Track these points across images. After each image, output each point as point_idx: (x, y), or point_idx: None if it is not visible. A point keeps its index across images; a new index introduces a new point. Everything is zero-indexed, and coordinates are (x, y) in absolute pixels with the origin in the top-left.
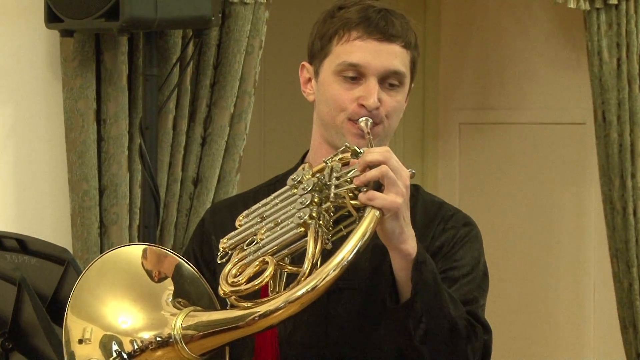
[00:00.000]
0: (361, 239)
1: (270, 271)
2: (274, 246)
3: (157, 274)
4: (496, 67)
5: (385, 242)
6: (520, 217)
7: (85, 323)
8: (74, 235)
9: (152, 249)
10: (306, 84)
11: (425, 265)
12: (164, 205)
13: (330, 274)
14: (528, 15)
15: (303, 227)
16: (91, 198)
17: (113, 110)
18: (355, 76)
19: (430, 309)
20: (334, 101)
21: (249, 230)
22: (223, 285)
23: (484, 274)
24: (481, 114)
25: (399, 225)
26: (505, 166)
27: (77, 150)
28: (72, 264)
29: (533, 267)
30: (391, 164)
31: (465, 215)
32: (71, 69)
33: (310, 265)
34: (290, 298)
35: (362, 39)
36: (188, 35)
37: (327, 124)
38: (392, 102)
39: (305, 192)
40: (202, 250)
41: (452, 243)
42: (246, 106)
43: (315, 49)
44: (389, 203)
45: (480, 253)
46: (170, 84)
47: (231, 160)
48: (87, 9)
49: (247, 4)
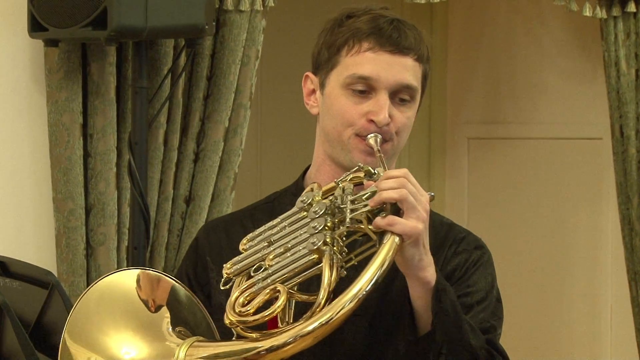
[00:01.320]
0: (380, 267)
1: (283, 300)
2: (285, 273)
3: (152, 304)
4: (507, 78)
5: (404, 269)
6: (532, 238)
7: (87, 352)
8: (58, 257)
9: (145, 274)
10: (310, 96)
11: (446, 294)
12: (154, 225)
13: (347, 306)
14: (541, 24)
15: (317, 254)
16: (77, 217)
17: (100, 124)
18: (364, 90)
19: (451, 340)
20: (341, 116)
21: (256, 255)
22: (230, 314)
23: (498, 300)
24: (491, 128)
25: (419, 252)
26: (516, 184)
27: (62, 167)
28: (56, 288)
29: (546, 291)
30: (409, 188)
31: (476, 237)
32: (56, 81)
33: (327, 295)
34: (302, 332)
35: (373, 51)
36: (180, 45)
37: (332, 139)
38: (403, 119)
39: (317, 216)
40: (196, 272)
41: (464, 268)
42: (241, 120)
43: (322, 59)
44: (410, 229)
45: (494, 278)
46: (161, 96)
47: (225, 178)
48: (73, 17)
49: (243, 12)
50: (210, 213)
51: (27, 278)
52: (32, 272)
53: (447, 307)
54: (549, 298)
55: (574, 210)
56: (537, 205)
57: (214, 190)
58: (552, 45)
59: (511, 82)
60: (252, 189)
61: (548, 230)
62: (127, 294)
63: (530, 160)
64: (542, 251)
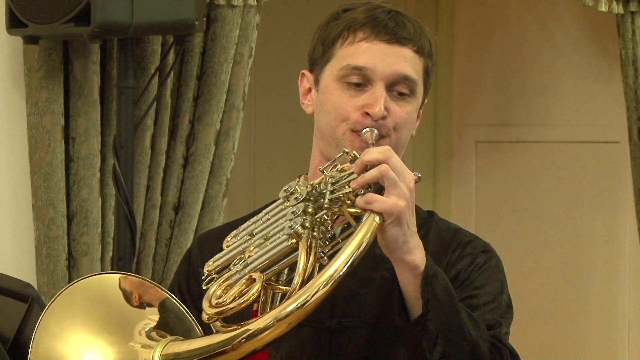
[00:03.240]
0: (357, 248)
1: (258, 288)
2: (262, 262)
3: (136, 298)
4: (517, 78)
5: (388, 253)
6: (544, 247)
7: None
8: (38, 269)
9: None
10: (305, 95)
11: (437, 279)
12: (141, 234)
13: (321, 289)
14: (553, 20)
15: (295, 239)
16: (58, 226)
17: (83, 127)
18: (360, 82)
19: (447, 329)
20: (335, 110)
21: (237, 249)
22: (206, 308)
23: (508, 306)
24: (500, 131)
25: (403, 232)
26: (527, 190)
27: (43, 173)
28: (36, 301)
29: (561, 301)
30: (392, 163)
31: (484, 242)
32: (36, 80)
33: (301, 281)
34: (279, 315)
35: (368, 40)
36: (168, 42)
37: (326, 136)
38: (401, 113)
39: (298, 202)
40: (189, 286)
41: (469, 270)
42: (234, 122)
43: (317, 55)
44: (390, 206)
45: (504, 284)
46: (148, 97)
47: (217, 184)
48: (54, 13)
49: (235, 7)
50: (201, 221)
51: (5, 291)
52: (10, 284)
53: (439, 293)
54: (563, 308)
55: (589, 218)
56: (550, 213)
57: (205, 197)
58: (566, 42)
59: (522, 81)
60: (246, 196)
61: (561, 239)
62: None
63: (542, 165)
64: (555, 261)
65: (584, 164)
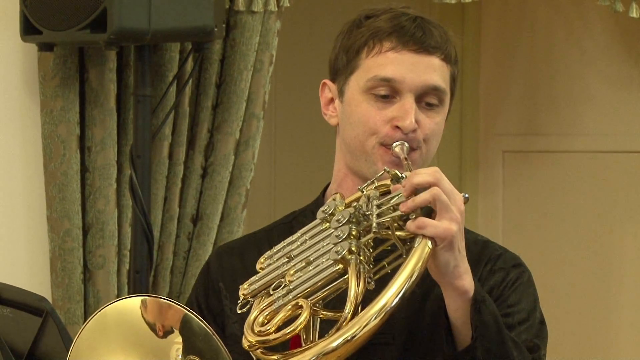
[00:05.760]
0: (409, 277)
1: (306, 316)
2: (307, 287)
3: (160, 328)
4: (546, 86)
5: (438, 278)
6: (574, 261)
7: None
8: (53, 282)
9: (153, 301)
10: (328, 105)
11: (485, 305)
12: (158, 246)
13: (372, 321)
14: (583, 26)
15: (342, 264)
16: (73, 238)
17: (99, 136)
18: (388, 94)
19: (494, 356)
20: (363, 123)
21: (275, 272)
22: (248, 334)
23: (541, 323)
24: (528, 140)
25: (454, 257)
26: (556, 202)
27: (58, 183)
28: (51, 315)
29: (589, 316)
30: (443, 185)
31: (514, 255)
32: (51, 89)
33: (353, 308)
34: (325, 349)
35: (395, 50)
36: (187, 49)
37: (354, 150)
38: (431, 124)
39: (341, 225)
40: (208, 301)
41: (502, 286)
42: (254, 132)
43: (340, 64)
44: (443, 231)
45: (536, 298)
46: (166, 105)
47: (236, 195)
48: (70, 19)
49: (255, 13)
50: (220, 233)
51: (20, 305)
52: (25, 298)
53: (487, 320)
54: (594, 323)
55: (620, 230)
56: (580, 225)
57: (224, 209)
58: (596, 49)
59: (550, 89)
60: (266, 207)
61: (592, 252)
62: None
63: (571, 176)
64: (585, 275)
65: (615, 174)
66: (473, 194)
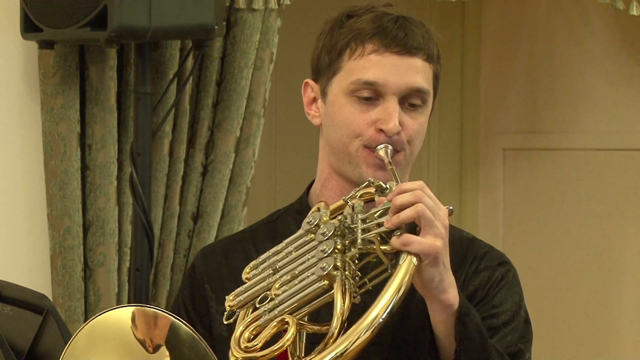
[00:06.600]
0: (396, 292)
1: (292, 333)
2: (293, 303)
3: (150, 344)
4: (546, 84)
5: (423, 292)
6: (575, 260)
7: None
8: (53, 280)
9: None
10: (311, 105)
11: (470, 318)
12: (159, 244)
13: (362, 335)
14: (583, 24)
15: (327, 280)
16: (74, 236)
17: (100, 134)
18: (371, 96)
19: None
20: (347, 126)
21: (260, 284)
22: (235, 350)
23: (526, 322)
24: (529, 138)
25: (439, 272)
26: (557, 200)
27: (58, 181)
28: (51, 313)
29: (590, 314)
30: (426, 202)
31: (499, 253)
32: (51, 86)
33: (340, 324)
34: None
35: (378, 53)
36: (187, 47)
37: (338, 152)
38: (415, 125)
39: (326, 238)
40: (194, 302)
41: (487, 286)
42: (254, 129)
43: (322, 65)
44: (428, 247)
45: (521, 297)
46: (167, 103)
47: (237, 193)
48: (70, 17)
49: (256, 11)
50: (220, 231)
51: (20, 302)
52: (25, 295)
53: (472, 333)
54: (594, 321)
55: (620, 228)
56: (581, 224)
57: (224, 206)
58: (596, 47)
59: (551, 87)
60: (266, 205)
61: (593, 251)
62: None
63: (572, 174)
64: (586, 274)
65: (615, 172)
66: (473, 191)
